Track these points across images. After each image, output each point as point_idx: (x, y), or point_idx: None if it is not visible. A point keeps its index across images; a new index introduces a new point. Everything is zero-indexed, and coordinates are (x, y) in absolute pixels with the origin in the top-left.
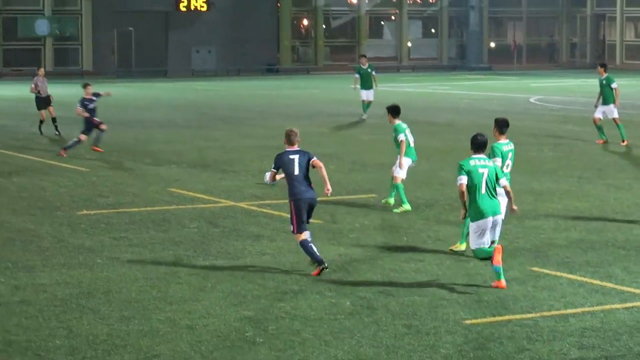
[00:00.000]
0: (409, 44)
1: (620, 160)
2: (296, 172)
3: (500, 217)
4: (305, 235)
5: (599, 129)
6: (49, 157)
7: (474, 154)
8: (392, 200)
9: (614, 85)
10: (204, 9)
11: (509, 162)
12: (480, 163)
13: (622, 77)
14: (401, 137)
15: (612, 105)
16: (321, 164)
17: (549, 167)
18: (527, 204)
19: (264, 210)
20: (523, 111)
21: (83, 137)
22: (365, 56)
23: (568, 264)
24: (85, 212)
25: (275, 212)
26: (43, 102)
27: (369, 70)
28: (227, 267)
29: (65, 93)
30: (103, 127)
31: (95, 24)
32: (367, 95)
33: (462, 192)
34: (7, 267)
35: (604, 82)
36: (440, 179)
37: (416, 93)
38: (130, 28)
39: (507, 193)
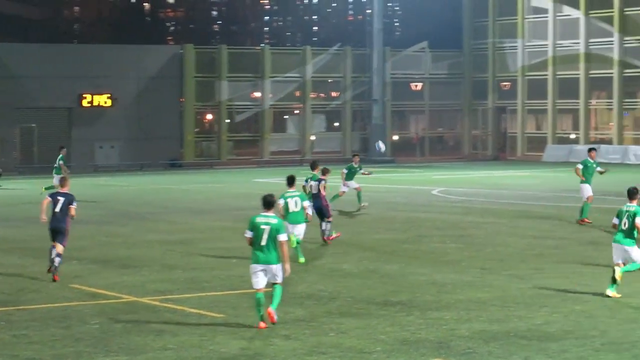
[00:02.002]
0: (313, 138)
1: (522, 252)
2: (57, 209)
3: (276, 267)
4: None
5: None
6: None
7: (263, 211)
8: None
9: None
10: (108, 105)
11: (625, 221)
12: (264, 220)
13: (523, 169)
14: (280, 201)
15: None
16: (73, 212)
17: (452, 258)
18: (430, 294)
19: (167, 305)
20: (426, 203)
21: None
22: (358, 155)
23: (470, 354)
24: None
25: (178, 307)
26: None
27: (359, 169)
28: None
29: None
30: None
31: None
32: (350, 184)
33: (248, 243)
34: None
35: (595, 165)
36: (343, 271)
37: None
38: (33, 124)
39: (282, 252)
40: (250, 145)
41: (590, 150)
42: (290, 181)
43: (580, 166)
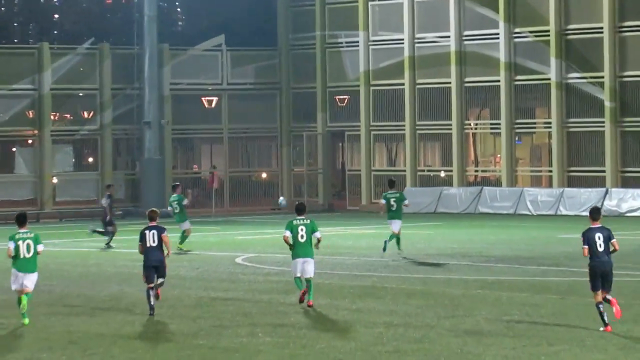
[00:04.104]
0: (55, 181)
1: (371, 347)
2: None
3: None
4: None
5: None
6: None
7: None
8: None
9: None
10: None
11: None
12: None
13: (370, 224)
14: (10, 244)
15: None
16: None
17: (266, 358)
18: None
19: None
20: (227, 277)
21: None
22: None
23: None
24: None
25: None
26: None
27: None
28: None
29: None
30: None
31: None
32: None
33: None
34: None
35: None
36: None
37: (65, 254)
38: None
39: None
40: None
41: None
42: (21, 220)
43: None
